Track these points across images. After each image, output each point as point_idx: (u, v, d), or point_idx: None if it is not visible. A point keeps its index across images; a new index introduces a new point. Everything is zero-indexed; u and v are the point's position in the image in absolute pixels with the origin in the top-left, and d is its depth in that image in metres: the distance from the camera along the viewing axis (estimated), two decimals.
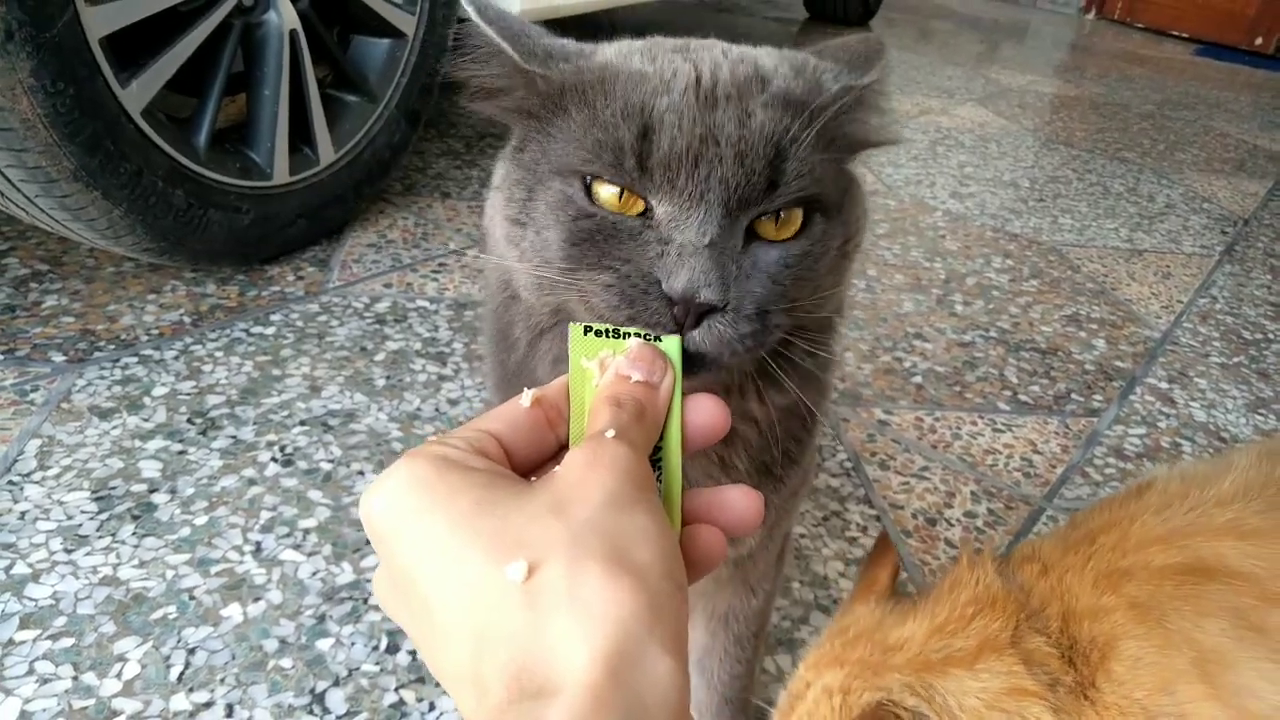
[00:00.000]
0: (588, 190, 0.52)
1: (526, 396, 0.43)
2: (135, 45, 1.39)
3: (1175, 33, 6.92)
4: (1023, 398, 1.69)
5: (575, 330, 0.45)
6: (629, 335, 0.46)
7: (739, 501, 0.44)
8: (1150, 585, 0.77)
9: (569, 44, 0.58)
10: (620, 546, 0.35)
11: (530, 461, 0.43)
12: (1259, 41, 6.53)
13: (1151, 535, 0.82)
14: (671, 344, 0.46)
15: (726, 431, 0.45)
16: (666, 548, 0.37)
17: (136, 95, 1.38)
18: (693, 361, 0.49)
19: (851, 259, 0.59)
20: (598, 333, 0.45)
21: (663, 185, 0.50)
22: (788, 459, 0.68)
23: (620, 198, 0.51)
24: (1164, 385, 1.81)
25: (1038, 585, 0.81)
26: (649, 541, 0.36)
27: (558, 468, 0.39)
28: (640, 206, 0.51)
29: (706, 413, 0.45)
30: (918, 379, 1.70)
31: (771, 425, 0.63)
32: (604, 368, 0.44)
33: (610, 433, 0.40)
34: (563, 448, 0.44)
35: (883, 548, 0.91)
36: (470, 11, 0.56)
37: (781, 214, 0.52)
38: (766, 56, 0.58)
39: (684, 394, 0.45)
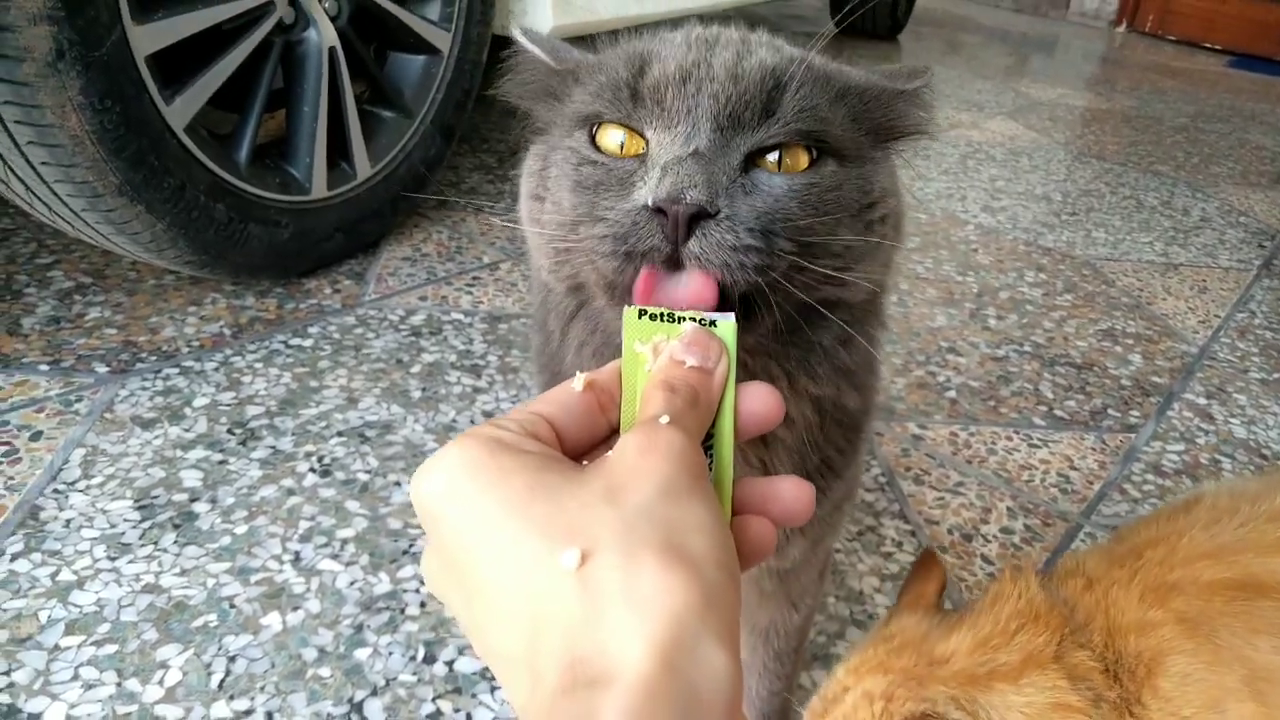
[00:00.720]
0: (592, 139, 0.53)
1: (579, 380, 0.43)
2: (179, 63, 1.42)
3: (1208, 45, 6.85)
4: (1058, 413, 1.68)
5: (630, 314, 0.44)
6: (683, 319, 0.45)
7: (789, 492, 0.43)
8: (1200, 600, 0.75)
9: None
10: (674, 536, 0.35)
11: (582, 445, 0.42)
12: None
13: (1200, 550, 0.80)
14: (726, 329, 0.45)
15: (780, 419, 0.44)
16: (720, 537, 0.37)
17: (180, 112, 1.41)
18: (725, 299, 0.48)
19: (879, 232, 0.57)
20: (652, 316, 0.44)
21: (653, 109, 0.51)
22: (830, 470, 0.67)
23: (622, 146, 0.52)
24: (1202, 401, 1.79)
25: (1082, 599, 0.80)
26: (703, 531, 0.36)
27: (610, 453, 0.39)
28: (640, 145, 0.52)
29: (760, 400, 0.44)
30: (951, 393, 1.69)
31: (810, 426, 0.62)
32: (657, 352, 0.43)
33: (664, 419, 0.39)
34: (614, 432, 0.43)
35: (928, 561, 0.90)
36: (517, 34, 0.62)
37: (785, 156, 0.51)
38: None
39: (738, 380, 0.44)
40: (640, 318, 0.44)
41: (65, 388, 1.37)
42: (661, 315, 0.44)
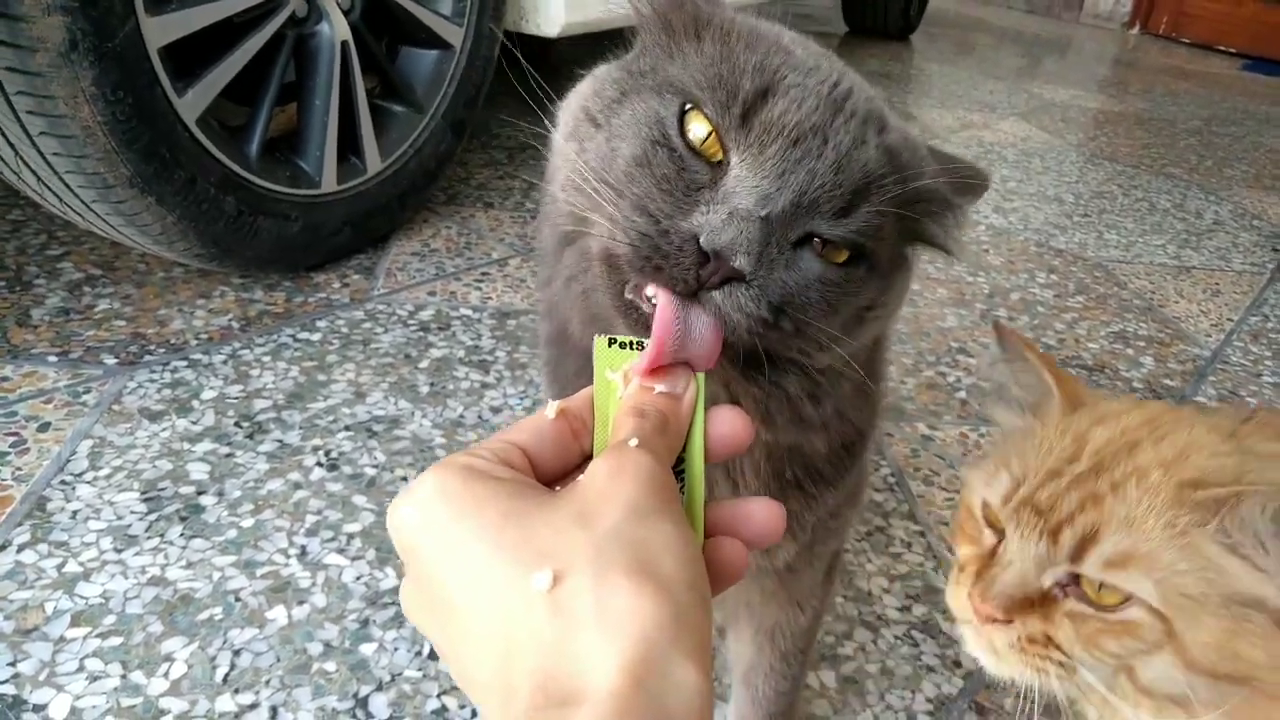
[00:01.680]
0: (681, 118, 0.52)
1: (551, 408, 0.44)
2: (192, 55, 1.42)
3: (1222, 48, 6.81)
4: None
5: (600, 343, 0.46)
6: None
7: (759, 513, 0.44)
8: None
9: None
10: (644, 557, 0.35)
11: (555, 472, 0.43)
12: None
13: None
14: None
15: (749, 442, 0.45)
16: (690, 558, 0.37)
17: (192, 104, 1.40)
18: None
19: (868, 325, 0.58)
20: (622, 345, 0.46)
21: (753, 145, 0.50)
22: (821, 479, 0.68)
23: (704, 140, 0.51)
24: (1214, 404, 1.78)
25: None
26: (672, 552, 0.36)
27: (581, 477, 0.40)
28: (719, 154, 0.51)
29: (728, 423, 0.45)
30: (961, 394, 1.68)
31: (758, 471, 0.64)
32: (628, 380, 0.45)
33: (633, 442, 0.40)
34: (587, 458, 0.44)
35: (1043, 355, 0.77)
36: None
37: (829, 246, 0.52)
38: (888, 109, 0.59)
39: (706, 405, 0.45)
40: (610, 346, 0.46)
41: (74, 379, 1.37)
42: (631, 344, 0.46)
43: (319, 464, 1.27)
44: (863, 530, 1.29)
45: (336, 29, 1.62)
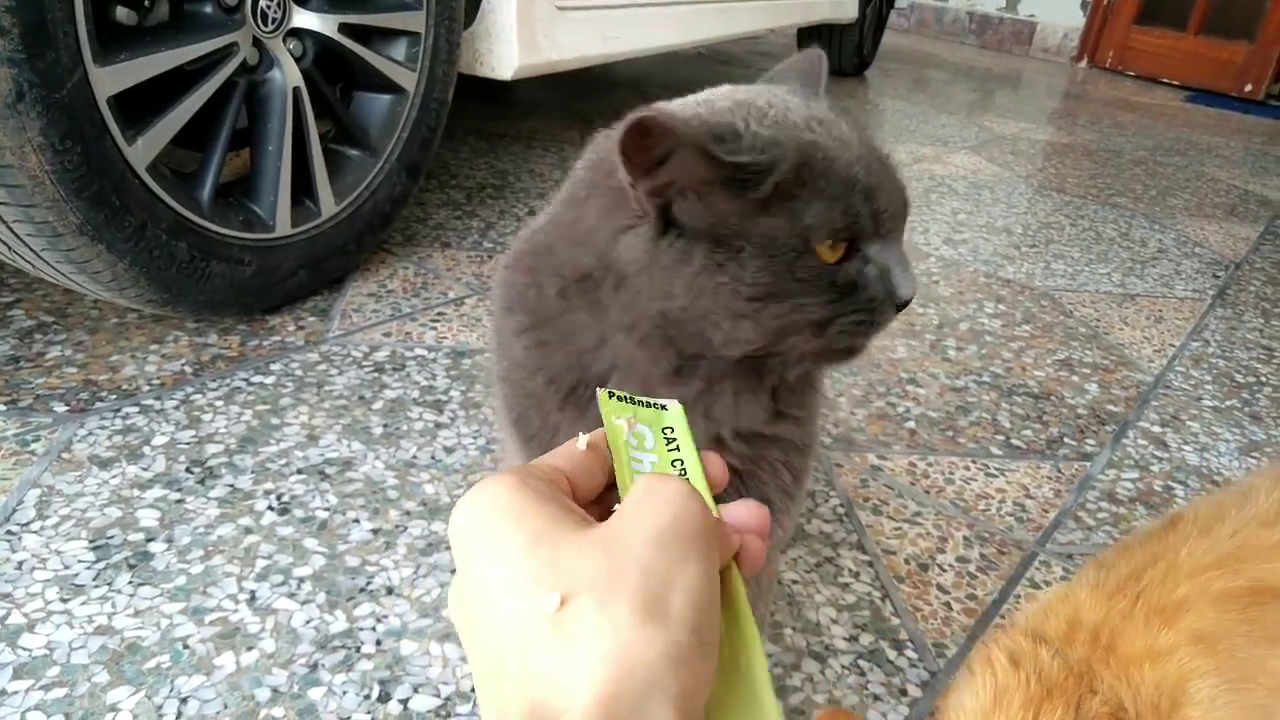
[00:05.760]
0: None
1: (582, 440, 0.46)
2: (142, 102, 1.43)
3: (1166, 80, 7.03)
4: (1015, 442, 1.70)
5: (602, 395, 0.51)
6: (643, 403, 0.52)
7: (740, 517, 0.45)
8: (1212, 613, 0.71)
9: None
10: (655, 588, 0.35)
11: (586, 503, 0.45)
12: (1249, 88, 6.64)
13: (1204, 561, 0.76)
14: (676, 412, 0.52)
15: (724, 485, 0.49)
16: (704, 603, 0.36)
17: (142, 152, 1.41)
18: None
19: None
20: (620, 398, 0.51)
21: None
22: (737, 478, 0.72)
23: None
24: (1157, 429, 1.82)
25: (1091, 654, 0.74)
26: (686, 591, 0.36)
27: (618, 505, 0.41)
28: None
29: (713, 467, 0.48)
30: (911, 424, 1.72)
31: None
32: (630, 426, 0.49)
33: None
34: (609, 486, 0.47)
35: None
36: None
37: None
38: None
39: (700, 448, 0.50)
40: (610, 399, 0.51)
41: (22, 428, 1.36)
42: (624, 398, 0.52)
43: (270, 508, 1.27)
44: (811, 561, 1.31)
45: (288, 76, 1.65)
